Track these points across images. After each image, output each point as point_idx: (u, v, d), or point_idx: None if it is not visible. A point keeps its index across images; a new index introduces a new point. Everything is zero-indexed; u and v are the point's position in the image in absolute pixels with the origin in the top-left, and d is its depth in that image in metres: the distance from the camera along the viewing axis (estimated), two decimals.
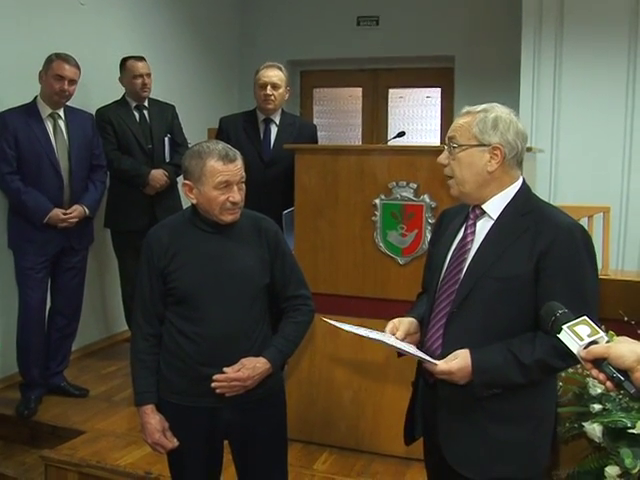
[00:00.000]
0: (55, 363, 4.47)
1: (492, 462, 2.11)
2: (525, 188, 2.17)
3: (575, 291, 2.00)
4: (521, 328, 2.04)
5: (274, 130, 4.41)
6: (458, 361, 2.02)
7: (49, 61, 4.13)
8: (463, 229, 2.21)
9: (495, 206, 2.14)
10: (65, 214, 4.17)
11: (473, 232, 2.17)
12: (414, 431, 2.40)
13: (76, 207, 4.24)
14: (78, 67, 4.20)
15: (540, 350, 1.98)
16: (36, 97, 4.20)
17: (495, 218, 2.13)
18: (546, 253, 2.02)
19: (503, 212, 2.13)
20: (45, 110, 4.19)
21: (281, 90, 4.34)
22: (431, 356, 2.11)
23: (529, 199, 2.16)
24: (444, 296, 2.16)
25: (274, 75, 4.31)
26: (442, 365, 2.03)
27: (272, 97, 4.31)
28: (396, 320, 2.24)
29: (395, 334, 2.19)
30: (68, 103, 4.30)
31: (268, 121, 4.40)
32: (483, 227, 2.16)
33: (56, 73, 4.10)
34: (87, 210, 4.29)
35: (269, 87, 4.30)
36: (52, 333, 4.43)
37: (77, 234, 4.32)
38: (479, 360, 2.02)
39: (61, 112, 4.26)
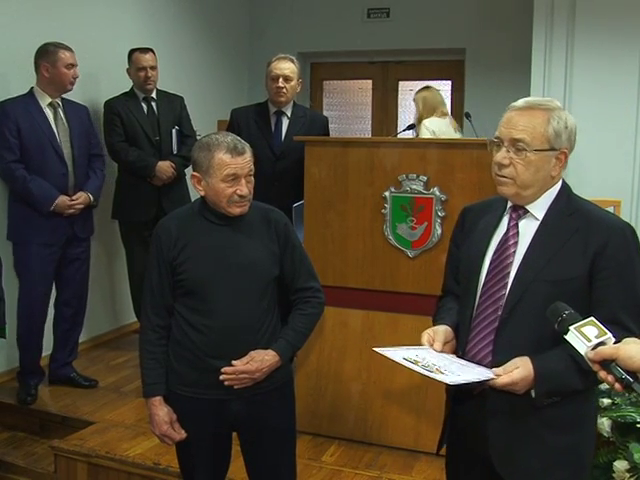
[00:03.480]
0: (64, 354, 4.50)
1: (546, 470, 2.05)
2: (566, 187, 2.09)
3: (629, 293, 1.95)
4: None
5: (285, 122, 4.38)
6: (520, 370, 1.93)
7: (51, 52, 4.14)
8: (504, 230, 2.11)
9: (539, 206, 2.05)
10: (71, 200, 4.19)
11: (516, 233, 2.08)
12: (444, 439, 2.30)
13: (81, 194, 4.26)
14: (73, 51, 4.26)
15: None
16: (32, 88, 4.21)
17: (540, 218, 2.05)
18: (601, 254, 1.95)
19: (548, 212, 2.04)
20: (44, 99, 4.20)
21: (293, 82, 4.32)
22: (478, 364, 2.03)
23: (571, 198, 2.07)
24: (490, 301, 2.07)
25: (286, 67, 4.28)
26: (505, 378, 1.92)
27: (284, 90, 4.28)
28: (430, 330, 2.13)
29: (432, 345, 2.08)
30: (70, 95, 4.33)
31: (279, 113, 4.37)
32: (527, 228, 2.07)
33: (68, 62, 4.16)
34: (91, 197, 4.31)
35: (281, 79, 4.26)
36: (59, 325, 4.47)
37: (80, 223, 4.34)
38: (541, 368, 1.93)
39: (59, 101, 4.28)
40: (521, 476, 2.08)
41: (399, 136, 4.86)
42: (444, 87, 7.31)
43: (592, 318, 1.67)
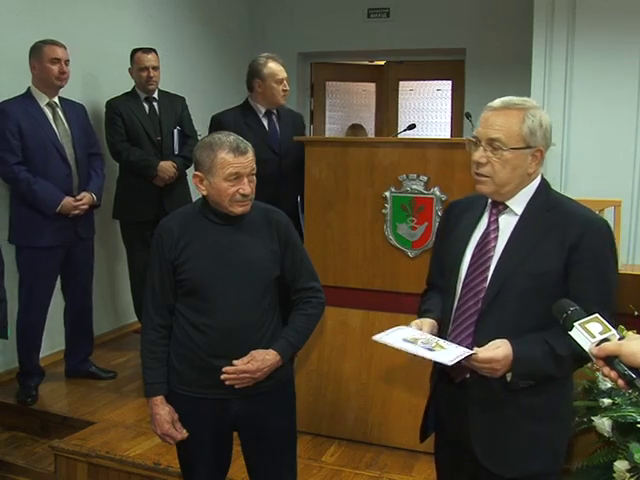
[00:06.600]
0: (82, 351, 4.58)
1: (523, 458, 2.11)
2: (545, 183, 2.15)
3: (603, 286, 2.01)
4: (551, 323, 1.97)
5: (276, 122, 4.35)
6: (502, 349, 1.98)
7: (38, 48, 4.13)
8: (485, 225, 2.16)
9: (518, 202, 2.11)
10: (76, 201, 4.19)
11: (496, 228, 2.13)
12: (428, 428, 2.36)
13: (85, 194, 4.26)
14: (65, 48, 4.22)
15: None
16: (29, 88, 4.19)
17: (519, 214, 2.10)
18: (576, 248, 2.01)
19: (527, 208, 2.10)
20: (42, 99, 4.18)
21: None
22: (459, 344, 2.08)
23: (550, 195, 2.13)
24: (471, 294, 2.12)
25: (284, 70, 4.27)
26: (485, 353, 1.98)
27: (287, 91, 4.28)
28: (418, 321, 2.19)
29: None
30: (71, 94, 4.30)
31: (269, 114, 4.33)
32: (507, 223, 2.12)
33: (51, 57, 4.12)
34: (95, 197, 4.32)
35: (285, 82, 4.24)
36: (72, 325, 4.53)
37: (83, 223, 4.34)
38: (520, 350, 1.98)
39: (57, 100, 4.26)
40: (502, 465, 2.13)
41: (399, 136, 4.85)
42: (444, 87, 7.32)
43: (597, 315, 1.69)
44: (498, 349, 1.98)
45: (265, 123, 4.31)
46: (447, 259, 2.26)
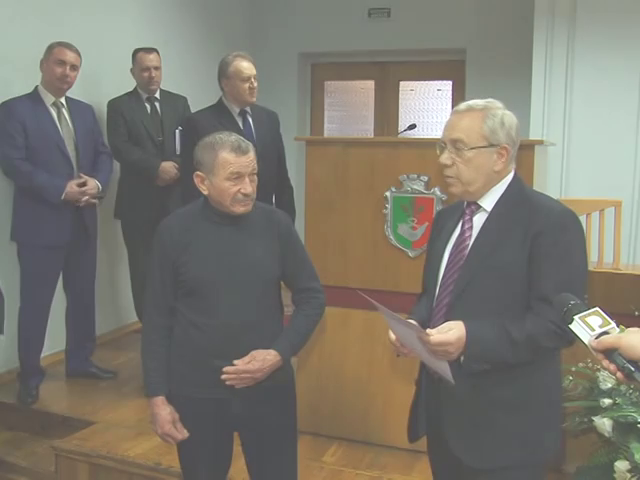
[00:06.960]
0: (83, 353, 4.59)
1: (497, 450, 2.13)
2: (517, 179, 2.19)
3: (563, 274, 2.01)
4: (517, 313, 2.04)
5: (250, 122, 4.25)
6: (454, 332, 1.99)
7: (50, 48, 4.15)
8: (460, 226, 2.21)
9: (489, 200, 2.16)
10: (80, 186, 4.14)
11: (470, 227, 2.18)
12: (418, 428, 2.40)
13: (89, 179, 4.22)
14: (79, 54, 4.22)
15: (530, 327, 1.99)
16: (37, 87, 4.21)
17: (489, 210, 2.15)
18: (537, 236, 2.04)
19: (497, 204, 2.15)
20: (48, 98, 4.20)
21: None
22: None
23: (521, 190, 2.18)
24: (446, 292, 2.17)
25: (252, 67, 4.18)
26: (440, 337, 1.99)
27: (256, 89, 4.17)
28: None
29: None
30: (72, 95, 4.31)
31: (244, 113, 4.24)
32: (480, 221, 2.17)
33: (58, 58, 4.13)
34: (99, 185, 4.27)
35: (252, 79, 4.14)
36: (74, 328, 4.55)
37: (87, 222, 4.33)
38: (473, 331, 2.01)
39: (63, 101, 4.27)
40: (477, 457, 2.15)
41: (400, 136, 4.85)
42: (445, 87, 7.32)
43: (597, 308, 1.70)
44: (450, 332, 2.00)
45: (240, 122, 4.22)
46: (429, 263, 2.33)
